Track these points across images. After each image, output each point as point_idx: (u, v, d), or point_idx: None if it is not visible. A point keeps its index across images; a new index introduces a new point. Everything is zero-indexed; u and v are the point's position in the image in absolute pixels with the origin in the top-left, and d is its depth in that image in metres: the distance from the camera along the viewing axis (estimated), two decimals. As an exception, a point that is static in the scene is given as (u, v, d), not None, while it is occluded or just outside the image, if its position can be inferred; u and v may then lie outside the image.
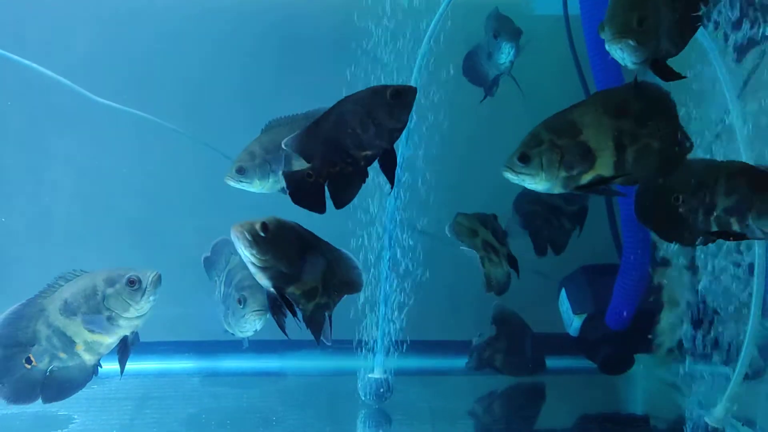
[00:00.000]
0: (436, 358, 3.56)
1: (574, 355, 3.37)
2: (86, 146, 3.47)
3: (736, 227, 2.17)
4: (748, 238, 2.19)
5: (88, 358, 2.29)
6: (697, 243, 2.25)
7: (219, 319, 2.90)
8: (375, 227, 3.07)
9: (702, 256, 2.76)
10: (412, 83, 2.98)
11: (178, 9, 3.42)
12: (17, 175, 3.46)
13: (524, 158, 2.12)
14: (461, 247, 2.84)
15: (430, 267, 3.14)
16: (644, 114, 2.13)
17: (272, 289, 2.09)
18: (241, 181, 2.65)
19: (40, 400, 2.27)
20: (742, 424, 2.70)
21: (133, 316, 2.28)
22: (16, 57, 3.25)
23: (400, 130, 2.16)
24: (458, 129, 3.27)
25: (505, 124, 3.20)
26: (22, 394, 2.26)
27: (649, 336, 3.12)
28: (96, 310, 2.25)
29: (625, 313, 3.08)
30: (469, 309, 3.59)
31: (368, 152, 2.16)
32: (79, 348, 2.27)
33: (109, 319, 2.25)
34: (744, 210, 2.16)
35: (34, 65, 3.26)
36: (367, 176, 2.18)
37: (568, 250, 3.42)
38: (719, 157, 2.61)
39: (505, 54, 3.06)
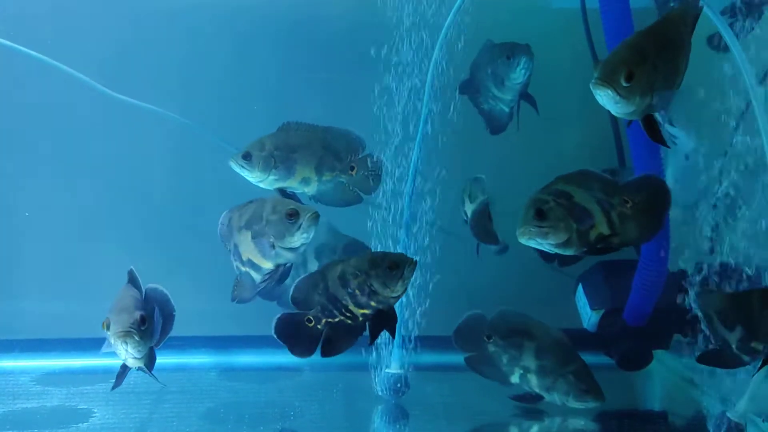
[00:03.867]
0: (453, 354, 3.56)
1: (592, 351, 3.36)
2: (105, 143, 3.49)
3: None
4: None
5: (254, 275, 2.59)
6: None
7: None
8: (392, 222, 3.08)
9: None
10: (428, 80, 2.98)
11: (200, 8, 3.43)
12: (40, 174, 3.49)
13: (541, 214, 2.25)
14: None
15: (447, 262, 3.13)
16: (604, 189, 2.36)
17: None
18: (243, 167, 2.71)
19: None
20: (763, 420, 2.68)
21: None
22: (34, 53, 3.27)
23: (397, 298, 2.40)
24: (473, 125, 3.26)
25: (522, 120, 3.19)
26: None
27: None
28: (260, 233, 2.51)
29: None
30: (485, 305, 3.58)
31: (366, 311, 2.43)
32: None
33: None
34: None
35: (52, 61, 3.29)
36: (365, 330, 2.45)
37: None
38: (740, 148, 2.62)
39: (522, 68, 3.00)
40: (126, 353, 2.35)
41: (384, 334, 3.03)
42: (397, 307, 3.02)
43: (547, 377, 2.86)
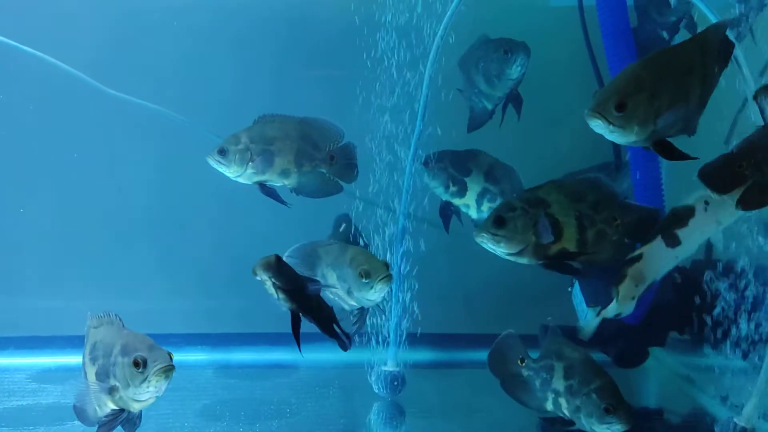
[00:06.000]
0: (449, 352, 3.57)
1: (588, 349, 3.36)
2: (104, 142, 3.48)
3: None
4: None
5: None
6: None
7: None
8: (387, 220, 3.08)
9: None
10: (426, 74, 2.98)
11: (188, 4, 3.42)
12: (35, 170, 3.48)
13: (500, 221, 2.30)
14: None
15: (441, 260, 3.13)
16: (598, 203, 2.37)
17: (293, 309, 2.36)
18: (220, 162, 2.68)
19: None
20: None
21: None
22: (35, 51, 3.26)
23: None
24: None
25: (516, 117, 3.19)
26: None
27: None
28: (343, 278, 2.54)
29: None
30: (482, 302, 3.58)
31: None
32: None
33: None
34: None
35: (49, 58, 3.27)
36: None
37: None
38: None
39: (518, 65, 2.97)
40: (157, 391, 2.16)
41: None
42: (394, 304, 3.06)
43: (574, 398, 2.56)
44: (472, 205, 2.99)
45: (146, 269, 3.51)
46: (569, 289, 3.36)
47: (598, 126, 2.07)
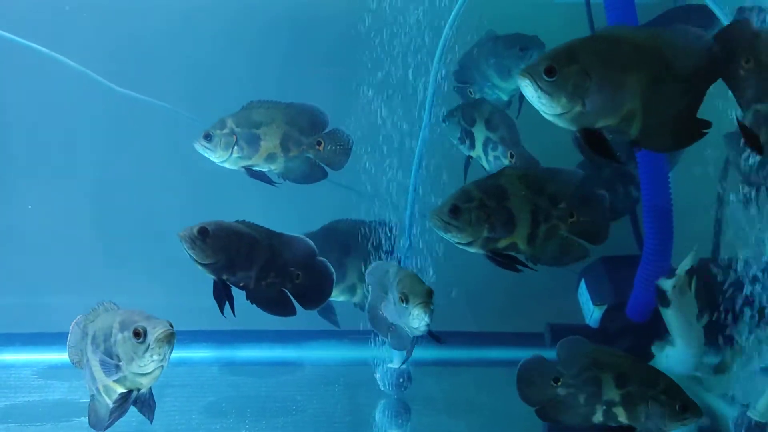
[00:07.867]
0: (454, 349, 3.57)
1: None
2: (107, 139, 3.49)
3: None
4: None
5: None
6: None
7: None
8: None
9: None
10: (432, 73, 2.98)
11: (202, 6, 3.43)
12: (40, 167, 3.49)
13: (455, 211, 2.27)
14: None
15: (444, 257, 3.13)
16: (557, 195, 2.32)
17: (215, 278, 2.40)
18: (205, 147, 2.69)
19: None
20: None
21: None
22: (33, 44, 3.26)
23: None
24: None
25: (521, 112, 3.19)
26: None
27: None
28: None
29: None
30: (484, 299, 3.58)
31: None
32: None
33: None
34: None
35: (52, 53, 3.28)
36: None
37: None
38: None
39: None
40: (161, 360, 2.11)
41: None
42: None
43: (636, 405, 2.42)
44: (482, 156, 2.97)
45: (151, 265, 3.52)
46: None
47: (527, 87, 2.02)
